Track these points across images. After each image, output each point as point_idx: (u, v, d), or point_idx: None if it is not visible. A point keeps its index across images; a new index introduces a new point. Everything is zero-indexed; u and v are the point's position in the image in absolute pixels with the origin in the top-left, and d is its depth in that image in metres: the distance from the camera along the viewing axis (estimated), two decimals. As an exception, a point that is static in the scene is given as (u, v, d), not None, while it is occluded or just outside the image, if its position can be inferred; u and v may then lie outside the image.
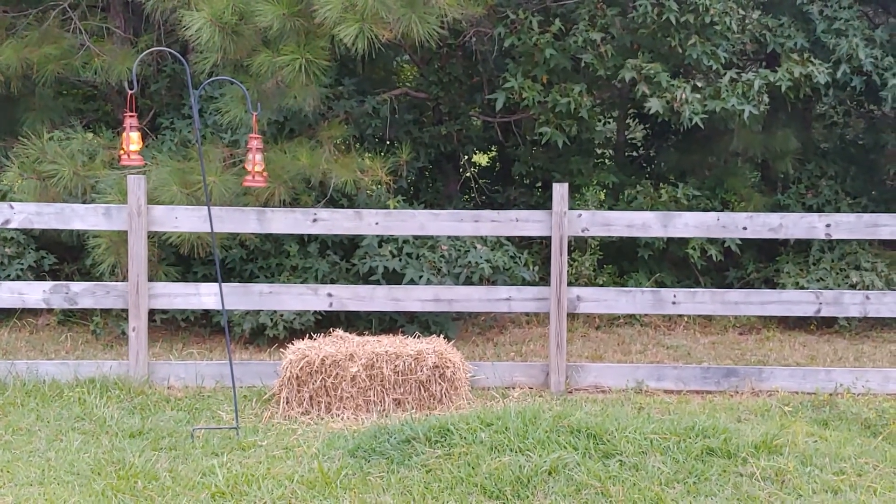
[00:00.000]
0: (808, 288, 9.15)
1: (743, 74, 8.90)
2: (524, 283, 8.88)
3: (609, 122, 12.08)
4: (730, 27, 8.84)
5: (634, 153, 12.31)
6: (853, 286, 9.21)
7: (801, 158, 10.29)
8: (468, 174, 11.96)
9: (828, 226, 7.31)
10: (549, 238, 7.37)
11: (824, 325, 9.55)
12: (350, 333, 7.17)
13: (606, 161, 11.67)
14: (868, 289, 9.13)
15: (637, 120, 12.13)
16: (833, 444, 5.89)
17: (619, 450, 5.58)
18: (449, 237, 8.75)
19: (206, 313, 8.83)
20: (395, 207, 8.68)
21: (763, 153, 10.05)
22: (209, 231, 6.76)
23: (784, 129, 9.91)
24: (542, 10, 9.45)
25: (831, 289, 9.09)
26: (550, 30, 9.03)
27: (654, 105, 8.64)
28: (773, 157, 10.09)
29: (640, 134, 12.58)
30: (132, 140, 6.11)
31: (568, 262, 7.65)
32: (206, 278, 8.67)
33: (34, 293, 7.36)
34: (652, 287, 9.40)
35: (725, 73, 8.84)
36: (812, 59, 8.88)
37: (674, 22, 8.63)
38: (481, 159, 12.98)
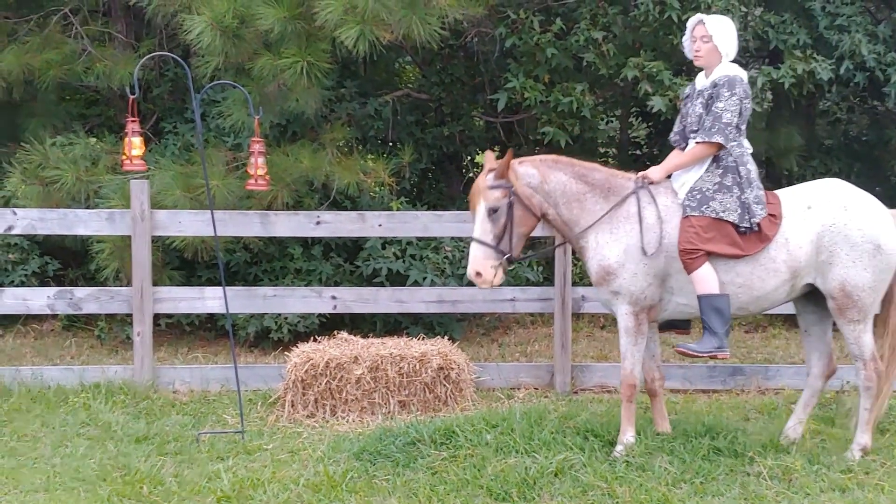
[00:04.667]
0: (813, 285, 9.11)
1: (746, 71, 8.86)
2: (528, 283, 8.86)
3: (612, 121, 12.05)
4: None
5: (638, 151, 12.27)
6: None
7: (805, 155, 10.25)
8: (471, 175, 11.93)
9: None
10: (552, 238, 7.35)
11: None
12: (354, 336, 7.17)
13: (610, 160, 11.64)
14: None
15: (640, 118, 12.10)
16: (840, 442, 5.88)
17: (627, 450, 5.57)
18: (452, 238, 8.73)
19: (211, 317, 8.82)
20: (398, 209, 8.66)
21: (767, 150, 10.01)
22: (213, 235, 6.75)
23: (788, 125, 9.88)
24: (543, 10, 9.42)
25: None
26: (552, 29, 9.00)
27: (657, 103, 8.60)
28: (777, 154, 10.05)
29: (642, 132, 12.55)
30: (134, 145, 6.09)
31: (572, 261, 7.63)
32: (211, 282, 8.65)
33: (38, 299, 7.37)
34: (657, 286, 9.35)
35: (728, 71, 8.79)
36: (815, 55, 8.85)
37: (675, 20, 8.58)
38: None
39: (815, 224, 5.58)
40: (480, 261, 5.57)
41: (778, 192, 5.81)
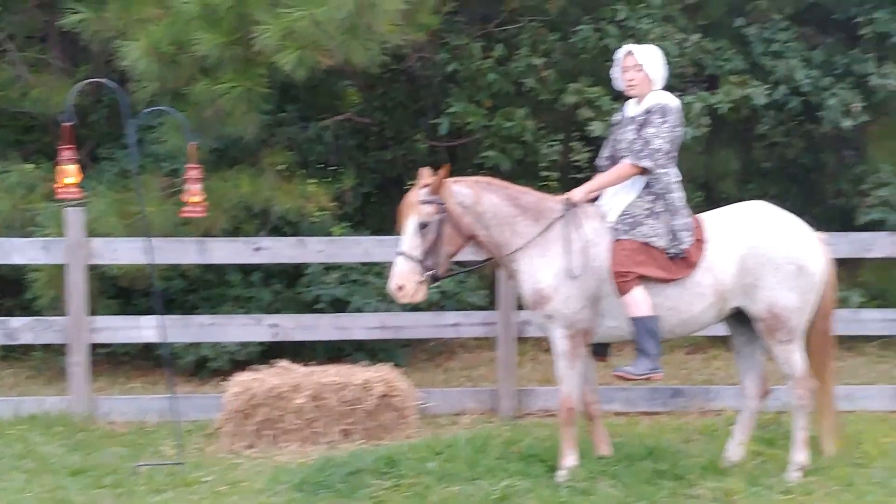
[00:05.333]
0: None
1: (683, 97, 8.97)
2: (473, 307, 8.83)
3: (554, 145, 12.11)
4: (669, 51, 8.90)
5: (579, 175, 12.33)
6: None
7: (743, 179, 10.37)
8: (414, 199, 11.89)
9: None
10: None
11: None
12: (296, 363, 7.08)
13: (551, 184, 11.69)
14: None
15: (582, 142, 12.17)
16: (780, 464, 5.92)
17: (570, 475, 5.56)
18: (395, 263, 8.67)
19: (148, 346, 8.65)
20: (339, 234, 8.61)
21: (705, 174, 10.13)
22: (149, 263, 6.65)
23: (725, 149, 10.00)
24: (484, 36, 9.47)
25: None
26: (493, 55, 9.05)
27: (597, 128, 8.67)
28: (716, 178, 10.16)
29: (584, 156, 12.62)
30: (69, 173, 6.02)
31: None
32: (148, 311, 8.51)
33: (-27, 330, 7.21)
34: (599, 309, 9.38)
35: (666, 96, 8.89)
36: (751, 80, 8.97)
37: (613, 47, 8.68)
38: (427, 184, 12.91)
39: (739, 247, 5.65)
40: (405, 275, 5.55)
41: (701, 215, 5.88)
